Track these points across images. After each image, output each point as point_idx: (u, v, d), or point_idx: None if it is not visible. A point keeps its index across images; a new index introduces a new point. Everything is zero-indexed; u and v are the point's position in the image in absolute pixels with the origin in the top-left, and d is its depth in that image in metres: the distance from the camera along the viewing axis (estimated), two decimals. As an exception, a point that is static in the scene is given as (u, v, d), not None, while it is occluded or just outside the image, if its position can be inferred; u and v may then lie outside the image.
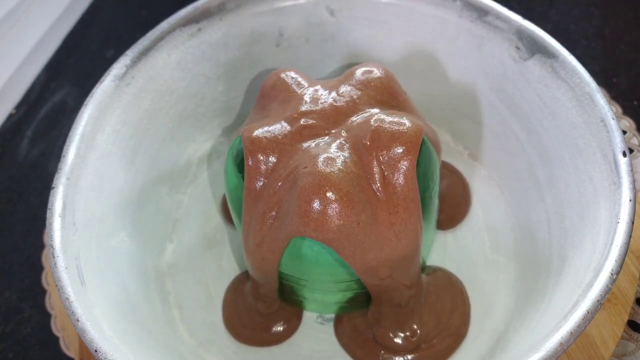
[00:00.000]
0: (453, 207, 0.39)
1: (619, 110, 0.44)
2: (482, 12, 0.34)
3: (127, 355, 0.25)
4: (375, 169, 0.28)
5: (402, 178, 0.28)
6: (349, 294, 0.33)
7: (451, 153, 0.42)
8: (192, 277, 0.38)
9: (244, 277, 0.37)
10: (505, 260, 0.36)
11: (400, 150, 0.28)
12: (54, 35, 0.57)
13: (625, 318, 0.33)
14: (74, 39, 0.58)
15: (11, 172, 0.49)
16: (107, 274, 0.30)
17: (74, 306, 0.26)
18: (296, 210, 0.27)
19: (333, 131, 0.30)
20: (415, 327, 0.33)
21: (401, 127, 0.28)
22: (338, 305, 0.35)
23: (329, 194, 0.26)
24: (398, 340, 0.33)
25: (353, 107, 0.31)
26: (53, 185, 0.29)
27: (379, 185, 0.28)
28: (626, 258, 0.27)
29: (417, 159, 0.28)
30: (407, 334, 0.33)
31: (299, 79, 0.33)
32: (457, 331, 0.34)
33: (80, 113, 0.32)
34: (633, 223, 0.26)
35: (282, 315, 0.35)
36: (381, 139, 0.28)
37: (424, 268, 0.36)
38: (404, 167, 0.28)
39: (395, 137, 0.28)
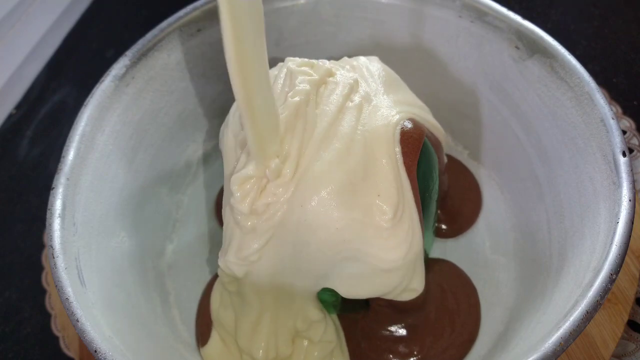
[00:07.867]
0: (461, 221, 0.38)
1: (619, 110, 0.44)
2: (482, 12, 0.34)
3: (127, 355, 0.25)
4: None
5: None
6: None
7: (451, 153, 0.42)
8: (192, 277, 0.38)
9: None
10: (505, 260, 0.36)
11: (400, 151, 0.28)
12: (54, 35, 0.57)
13: (625, 318, 0.33)
14: (74, 39, 0.58)
15: (11, 172, 0.49)
16: (107, 274, 0.30)
17: (74, 306, 0.26)
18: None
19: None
20: (421, 339, 0.32)
21: (402, 128, 0.28)
22: (334, 305, 0.35)
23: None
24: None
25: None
26: (53, 186, 0.29)
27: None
28: (626, 258, 0.27)
29: (418, 160, 0.28)
30: (410, 350, 0.31)
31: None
32: (470, 337, 0.32)
33: (80, 113, 0.32)
34: (633, 223, 0.26)
35: None
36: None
37: (425, 265, 0.36)
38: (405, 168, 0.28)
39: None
